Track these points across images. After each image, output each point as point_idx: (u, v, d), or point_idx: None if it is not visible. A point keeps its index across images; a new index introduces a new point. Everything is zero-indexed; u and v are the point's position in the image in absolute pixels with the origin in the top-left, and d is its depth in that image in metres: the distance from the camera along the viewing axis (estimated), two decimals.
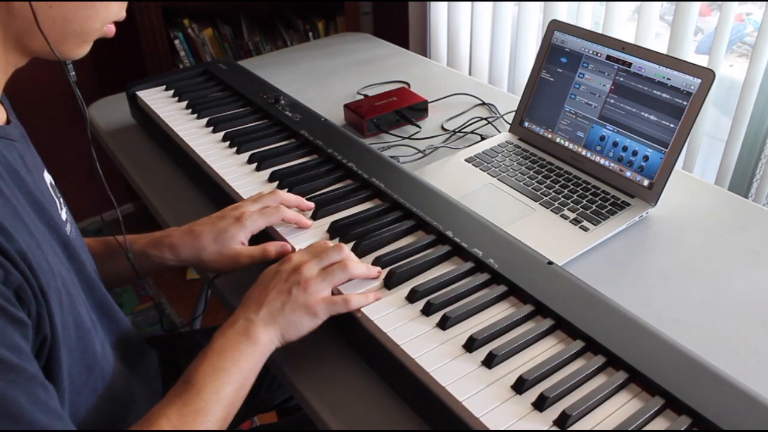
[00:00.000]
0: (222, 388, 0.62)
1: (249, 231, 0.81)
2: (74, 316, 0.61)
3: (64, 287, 0.60)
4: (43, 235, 0.60)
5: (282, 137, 1.09)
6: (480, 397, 0.61)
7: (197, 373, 0.63)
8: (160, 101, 1.22)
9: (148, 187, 1.11)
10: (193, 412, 0.60)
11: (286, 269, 0.72)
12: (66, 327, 0.59)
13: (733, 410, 0.58)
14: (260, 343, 0.66)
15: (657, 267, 0.88)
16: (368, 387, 0.71)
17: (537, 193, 1.01)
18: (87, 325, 0.64)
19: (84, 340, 0.63)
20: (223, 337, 0.67)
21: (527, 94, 1.15)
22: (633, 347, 0.64)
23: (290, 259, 0.73)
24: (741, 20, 1.59)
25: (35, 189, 0.62)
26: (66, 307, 0.60)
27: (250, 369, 0.66)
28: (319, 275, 0.71)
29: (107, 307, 0.73)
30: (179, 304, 2.16)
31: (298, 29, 2.18)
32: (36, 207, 0.61)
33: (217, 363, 0.64)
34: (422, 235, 0.84)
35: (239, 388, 0.64)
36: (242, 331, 0.67)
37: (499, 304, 0.73)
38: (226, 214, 0.82)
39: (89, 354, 0.64)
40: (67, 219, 0.70)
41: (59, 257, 0.63)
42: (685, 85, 0.94)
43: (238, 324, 0.68)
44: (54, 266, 0.59)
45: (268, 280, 0.72)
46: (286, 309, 0.68)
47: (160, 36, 1.99)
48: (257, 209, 0.83)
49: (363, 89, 1.42)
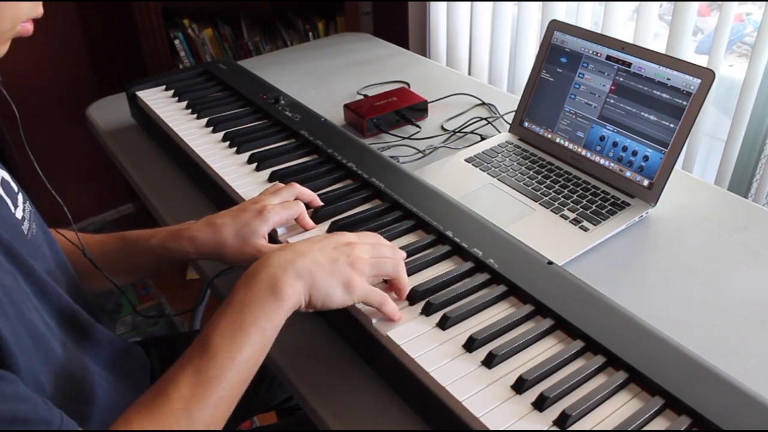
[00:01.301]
0: (239, 352, 0.59)
1: (271, 224, 0.78)
2: (24, 323, 0.59)
3: (6, 296, 0.58)
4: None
5: (282, 137, 1.09)
6: (480, 397, 0.61)
7: (214, 334, 0.60)
8: (160, 101, 1.22)
9: (148, 187, 1.11)
10: (206, 381, 0.57)
11: (338, 240, 0.69)
12: (17, 335, 0.57)
13: (733, 410, 0.58)
14: (286, 298, 0.62)
15: (657, 267, 0.88)
16: (368, 387, 0.71)
17: (537, 193, 1.01)
18: (41, 330, 0.61)
19: (41, 345, 0.61)
20: (246, 287, 0.63)
21: (527, 94, 1.15)
22: (633, 347, 0.64)
23: (344, 234, 0.70)
24: (741, 20, 1.59)
25: None
26: (12, 316, 0.58)
27: (272, 328, 0.62)
28: (371, 260, 0.68)
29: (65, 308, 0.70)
30: (179, 304, 2.16)
31: (298, 29, 2.18)
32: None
33: (236, 321, 0.60)
34: (422, 235, 0.84)
35: (258, 350, 0.61)
36: (270, 282, 0.63)
37: (499, 304, 0.73)
38: (247, 207, 0.79)
39: (52, 357, 0.62)
40: (24, 216, 0.68)
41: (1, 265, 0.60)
42: (685, 85, 0.94)
43: (268, 270, 0.63)
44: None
45: (317, 239, 0.69)
46: (326, 269, 0.65)
47: (160, 36, 1.99)
48: (278, 202, 0.81)
49: (363, 89, 1.42)
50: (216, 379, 0.58)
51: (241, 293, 0.63)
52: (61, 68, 2.17)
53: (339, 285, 0.65)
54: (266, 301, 0.62)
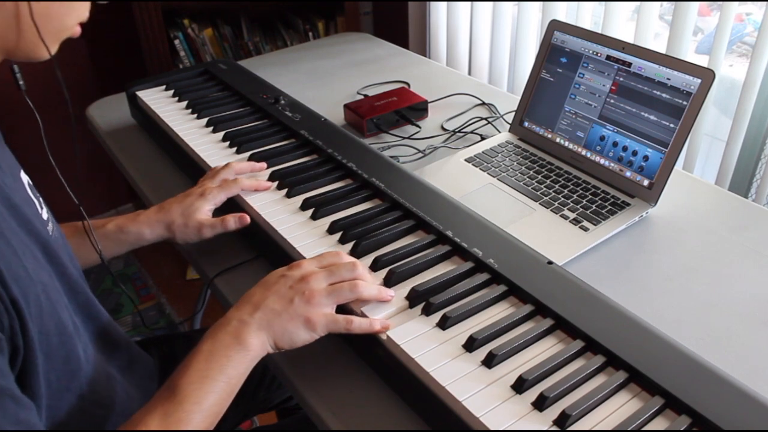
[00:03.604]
0: (205, 398, 0.61)
1: (212, 203, 0.89)
2: (55, 321, 0.60)
3: (44, 293, 0.59)
4: (22, 241, 0.59)
5: (282, 137, 1.09)
6: (480, 396, 0.61)
7: (182, 380, 0.61)
8: (160, 101, 1.22)
9: (148, 187, 1.11)
10: (174, 423, 0.59)
11: (293, 276, 0.69)
12: (45, 333, 0.58)
13: (733, 410, 0.58)
14: (251, 348, 0.64)
15: (657, 267, 0.88)
16: (368, 387, 0.71)
17: (537, 193, 1.01)
18: (69, 329, 0.63)
19: (66, 345, 0.62)
20: (212, 339, 0.65)
21: (527, 94, 1.15)
22: (633, 347, 0.64)
23: (300, 266, 0.71)
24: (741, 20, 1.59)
25: (12, 192, 0.62)
26: (46, 314, 0.59)
27: (238, 376, 0.64)
28: (327, 290, 0.68)
29: (91, 309, 0.72)
30: (179, 304, 2.16)
31: (298, 29, 2.18)
32: (13, 211, 0.60)
33: (203, 370, 0.62)
34: (422, 235, 0.84)
35: (224, 397, 0.63)
36: (234, 334, 0.65)
37: (499, 304, 0.73)
38: (192, 192, 0.91)
39: (72, 358, 0.63)
40: (48, 218, 0.70)
41: (39, 262, 0.61)
42: (685, 85, 0.94)
43: (231, 325, 0.66)
44: (33, 273, 0.58)
45: (272, 283, 0.69)
46: (284, 316, 0.66)
47: (160, 36, 1.99)
48: (217, 185, 0.91)
49: (363, 89, 1.42)
50: (183, 423, 0.59)
51: (209, 343, 0.64)
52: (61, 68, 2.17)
53: (300, 326, 0.67)
54: (232, 351, 0.64)
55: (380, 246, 0.81)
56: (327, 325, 0.67)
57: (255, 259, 0.90)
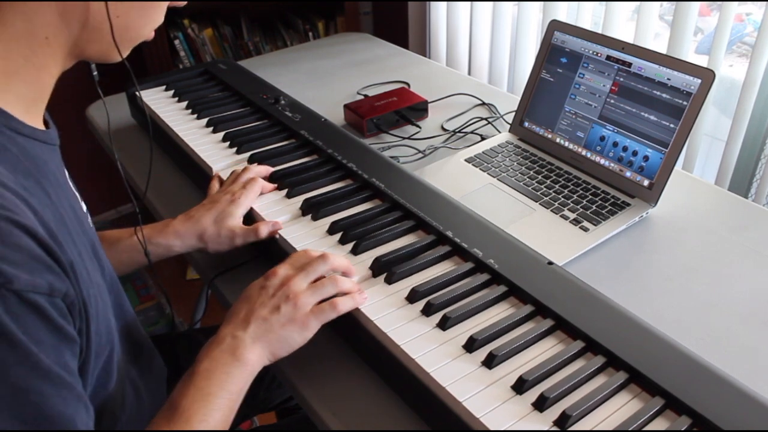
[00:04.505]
0: (211, 415, 0.61)
1: (244, 207, 0.87)
2: (106, 323, 0.60)
3: (99, 294, 0.59)
4: (81, 242, 0.59)
5: (282, 137, 1.09)
6: (480, 397, 0.61)
7: (185, 400, 0.61)
8: (160, 101, 1.22)
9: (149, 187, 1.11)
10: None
11: (272, 284, 0.69)
12: (99, 334, 0.58)
13: (733, 410, 0.58)
14: (249, 363, 0.65)
15: (657, 267, 0.88)
16: (368, 387, 0.71)
17: (537, 193, 1.01)
18: (113, 330, 0.63)
19: (110, 346, 0.62)
20: (209, 357, 0.64)
21: (527, 94, 1.15)
22: (633, 347, 0.64)
23: (276, 274, 0.70)
24: (741, 20, 1.60)
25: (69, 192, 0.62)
26: (101, 315, 0.59)
27: (239, 391, 0.64)
28: (309, 289, 0.69)
29: (125, 309, 0.71)
30: (179, 304, 2.16)
31: (298, 29, 2.18)
32: (72, 211, 0.60)
33: (204, 388, 0.62)
34: (422, 235, 0.84)
35: (228, 412, 0.63)
36: (230, 351, 0.65)
37: (499, 304, 0.73)
38: (218, 198, 0.88)
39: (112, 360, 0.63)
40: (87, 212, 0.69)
41: (93, 261, 0.61)
42: (685, 86, 0.94)
43: (225, 343, 0.65)
44: (92, 274, 0.58)
45: (255, 295, 0.69)
46: (275, 325, 0.66)
47: (160, 36, 1.99)
48: (241, 186, 0.90)
49: (363, 89, 1.42)
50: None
51: (206, 363, 0.64)
52: None
53: (293, 330, 0.67)
54: (230, 367, 0.64)
55: (380, 246, 0.81)
56: (317, 318, 0.68)
57: (255, 259, 0.90)
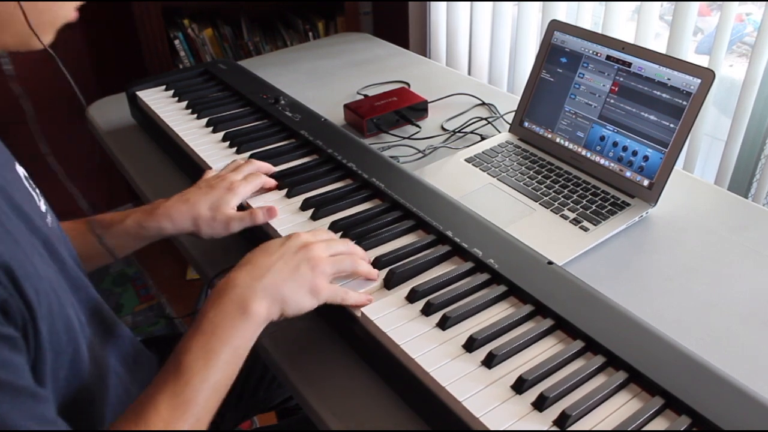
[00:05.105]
0: (212, 374, 0.60)
1: (240, 198, 0.86)
2: (63, 319, 0.60)
3: (53, 291, 0.59)
4: (26, 238, 0.58)
5: (282, 137, 1.09)
6: (480, 397, 0.61)
7: (187, 357, 0.60)
8: (160, 101, 1.22)
9: (148, 187, 1.11)
10: (183, 403, 0.58)
11: (294, 243, 0.70)
12: (54, 332, 0.58)
13: (733, 410, 0.58)
14: (257, 316, 0.63)
15: (657, 267, 0.88)
16: (368, 387, 0.71)
17: (537, 193, 1.01)
18: (75, 327, 0.62)
19: (73, 343, 0.61)
20: (215, 307, 0.63)
21: (527, 94, 1.15)
22: (633, 347, 0.64)
23: (299, 236, 0.71)
24: (741, 20, 1.60)
25: (11, 187, 0.60)
26: (55, 312, 0.58)
27: (244, 346, 0.63)
28: (330, 259, 0.70)
29: (95, 304, 0.71)
30: (179, 304, 2.16)
31: (298, 29, 2.18)
32: (14, 208, 0.59)
33: (207, 343, 0.61)
34: (422, 235, 0.84)
35: (231, 369, 0.62)
36: (238, 302, 0.63)
37: (499, 304, 0.73)
38: (215, 184, 0.86)
39: (79, 356, 0.62)
40: (46, 210, 0.69)
41: (44, 258, 0.61)
42: (685, 85, 0.94)
43: (236, 291, 0.64)
44: (41, 269, 0.58)
45: (274, 249, 0.69)
46: (290, 283, 0.66)
47: (160, 36, 1.99)
48: (242, 177, 0.88)
49: (363, 89, 1.42)
50: (192, 401, 0.59)
51: (211, 314, 0.63)
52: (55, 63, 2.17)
53: (306, 292, 0.67)
54: (237, 320, 0.63)
55: (380, 246, 0.81)
56: (329, 293, 0.69)
57: None
